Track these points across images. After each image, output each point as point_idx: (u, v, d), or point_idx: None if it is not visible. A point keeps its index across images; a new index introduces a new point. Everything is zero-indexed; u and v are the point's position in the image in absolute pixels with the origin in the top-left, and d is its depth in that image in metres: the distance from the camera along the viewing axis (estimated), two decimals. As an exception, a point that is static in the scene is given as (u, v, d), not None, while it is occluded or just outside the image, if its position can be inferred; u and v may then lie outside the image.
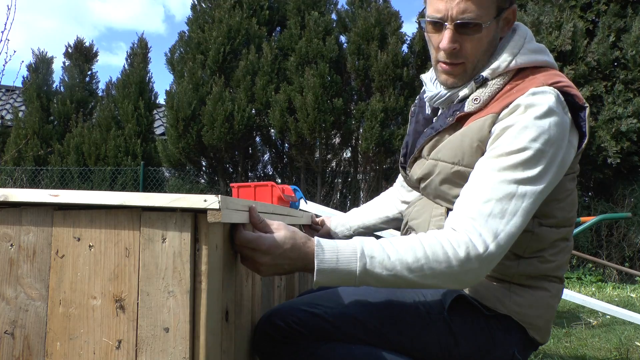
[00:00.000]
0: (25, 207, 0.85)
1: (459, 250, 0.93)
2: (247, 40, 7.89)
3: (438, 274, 0.93)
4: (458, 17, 1.07)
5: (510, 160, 1.00)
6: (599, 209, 6.75)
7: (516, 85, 1.09)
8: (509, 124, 1.03)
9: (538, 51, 1.14)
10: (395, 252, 0.94)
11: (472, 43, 1.10)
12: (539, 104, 1.02)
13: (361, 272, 0.93)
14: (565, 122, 1.04)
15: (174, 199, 0.79)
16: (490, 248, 0.94)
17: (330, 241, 0.96)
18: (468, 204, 0.99)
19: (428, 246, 0.94)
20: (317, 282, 0.95)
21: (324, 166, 7.90)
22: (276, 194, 1.81)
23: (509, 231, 0.96)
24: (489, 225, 0.95)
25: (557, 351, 2.72)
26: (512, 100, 1.05)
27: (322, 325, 1.09)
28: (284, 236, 0.95)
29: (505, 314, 1.10)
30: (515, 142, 1.00)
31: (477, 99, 1.11)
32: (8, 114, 11.08)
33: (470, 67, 1.13)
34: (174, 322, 0.80)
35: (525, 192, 0.98)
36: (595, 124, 6.38)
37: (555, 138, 1.01)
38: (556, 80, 1.07)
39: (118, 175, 8.67)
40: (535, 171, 0.99)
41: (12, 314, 0.85)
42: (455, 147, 1.10)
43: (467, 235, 0.94)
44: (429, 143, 1.18)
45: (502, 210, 0.96)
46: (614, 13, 6.63)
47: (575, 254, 4.29)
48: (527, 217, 0.99)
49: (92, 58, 10.46)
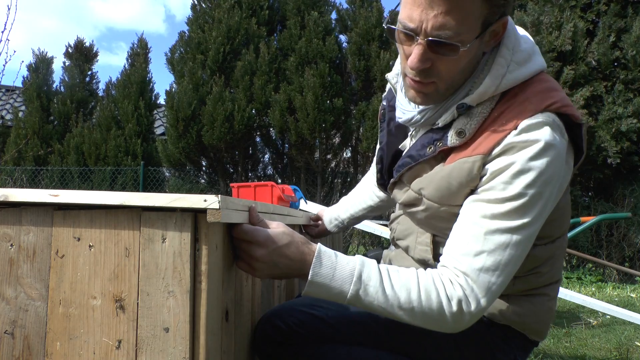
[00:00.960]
0: (25, 207, 0.85)
1: (452, 302, 0.91)
2: (246, 40, 7.89)
3: (427, 321, 0.93)
4: (433, 32, 0.90)
5: (504, 208, 0.92)
6: (599, 209, 6.75)
7: (504, 112, 0.96)
8: (501, 166, 0.92)
9: (527, 60, 1.00)
10: (390, 288, 0.92)
11: (447, 64, 0.95)
12: (534, 141, 0.91)
13: (352, 296, 0.92)
14: (563, 151, 0.95)
15: (174, 199, 0.79)
16: (482, 303, 0.92)
17: (330, 255, 0.94)
18: (460, 255, 0.93)
19: (424, 292, 0.92)
20: (307, 293, 0.94)
21: (324, 166, 7.90)
22: (276, 194, 1.81)
23: (502, 281, 0.93)
24: (481, 280, 0.91)
25: (557, 351, 2.72)
26: (502, 138, 0.93)
27: (322, 327, 1.08)
28: (282, 232, 0.94)
29: (504, 324, 1.09)
30: (510, 188, 0.91)
31: (462, 132, 0.98)
32: (8, 114, 11.08)
33: (442, 87, 0.99)
34: (174, 322, 0.80)
35: (519, 240, 0.92)
36: (595, 124, 6.38)
37: (552, 176, 0.93)
38: (550, 101, 0.95)
39: (118, 175, 8.67)
40: (531, 216, 0.92)
41: (12, 314, 0.85)
42: (442, 188, 1.00)
43: (462, 291, 0.91)
44: (408, 171, 1.07)
45: (495, 262, 0.91)
46: (614, 13, 6.63)
47: (575, 254, 4.30)
48: (521, 260, 0.95)
49: (92, 58, 10.47)
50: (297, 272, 0.94)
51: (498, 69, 0.97)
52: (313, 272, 0.91)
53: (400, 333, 1.08)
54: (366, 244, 7.98)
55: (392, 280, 0.93)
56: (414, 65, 0.94)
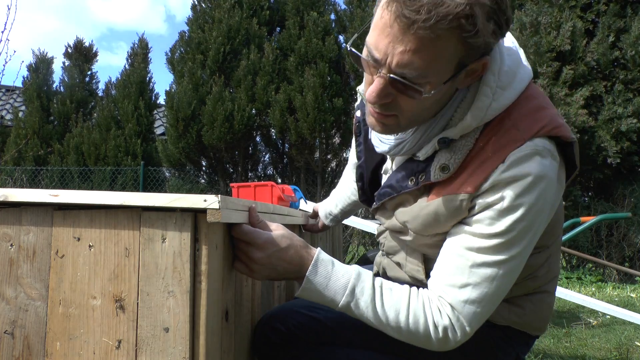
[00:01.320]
0: (25, 207, 0.85)
1: (438, 329, 0.92)
2: (247, 40, 7.89)
3: (413, 341, 0.95)
4: (397, 70, 0.82)
5: (490, 243, 0.89)
6: (599, 209, 6.75)
7: (490, 141, 0.90)
8: (489, 201, 0.88)
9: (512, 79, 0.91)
10: (381, 306, 0.94)
11: (409, 103, 0.87)
12: (524, 175, 0.86)
13: (343, 306, 0.94)
14: (554, 176, 0.90)
15: (174, 198, 0.79)
16: (467, 330, 0.93)
17: (327, 264, 0.95)
18: (445, 286, 0.92)
19: (412, 316, 0.93)
20: (300, 296, 0.96)
21: (324, 166, 7.90)
22: (276, 194, 1.81)
23: (489, 309, 0.93)
24: (466, 311, 0.91)
25: (557, 351, 2.72)
26: (489, 173, 0.88)
27: (322, 330, 1.08)
28: (281, 235, 0.95)
29: (506, 325, 1.09)
30: (497, 224, 0.88)
31: (446, 167, 0.91)
32: (8, 114, 11.08)
33: (404, 122, 0.92)
34: (174, 322, 0.80)
35: (507, 271, 0.90)
36: (595, 123, 6.38)
37: (542, 206, 0.89)
38: (539, 126, 0.89)
39: (118, 175, 8.67)
40: (520, 248, 0.90)
41: (12, 314, 0.85)
42: (429, 222, 0.96)
43: (449, 320, 0.92)
44: (390, 201, 1.03)
45: (480, 294, 0.90)
46: (613, 13, 6.63)
47: (575, 254, 4.30)
48: (510, 286, 0.94)
49: (92, 58, 10.47)
50: (294, 275, 0.96)
51: (483, 99, 0.89)
52: (307, 279, 0.94)
53: None
54: (366, 244, 7.97)
55: (384, 299, 0.94)
56: (372, 100, 0.87)
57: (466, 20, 0.76)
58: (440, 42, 0.78)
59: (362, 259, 1.98)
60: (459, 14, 0.76)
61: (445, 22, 0.75)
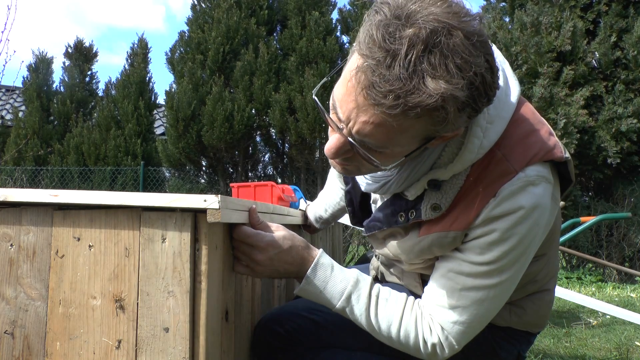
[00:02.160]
0: (25, 207, 0.85)
1: (427, 345, 0.94)
2: (246, 40, 7.89)
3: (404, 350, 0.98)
4: (356, 138, 0.78)
5: (482, 269, 0.88)
6: (599, 209, 6.75)
7: (480, 175, 0.87)
8: (480, 233, 0.87)
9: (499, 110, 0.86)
10: (374, 316, 0.96)
11: (369, 166, 0.83)
12: (516, 209, 0.84)
13: (339, 309, 0.97)
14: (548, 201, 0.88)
15: (174, 199, 0.79)
16: (456, 346, 0.94)
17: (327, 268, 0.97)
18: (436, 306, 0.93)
19: (403, 330, 0.95)
20: (298, 294, 0.99)
21: (324, 166, 7.90)
22: (276, 194, 1.81)
23: (477, 328, 0.94)
24: (455, 331, 0.92)
25: (557, 351, 2.72)
26: (481, 209, 0.86)
27: (321, 333, 1.08)
28: (282, 236, 0.95)
29: (507, 326, 1.09)
30: (489, 254, 0.87)
31: (438, 207, 0.89)
32: (8, 114, 11.08)
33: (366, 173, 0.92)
34: (174, 322, 0.79)
35: (497, 294, 0.91)
36: (595, 124, 6.38)
37: (536, 234, 0.88)
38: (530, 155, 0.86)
39: (118, 175, 8.67)
40: (510, 273, 0.89)
41: (12, 314, 0.85)
42: (423, 254, 0.95)
43: (438, 338, 0.94)
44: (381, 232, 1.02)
45: (470, 316, 0.91)
46: (615, 13, 6.63)
47: (575, 254, 4.29)
48: (500, 306, 0.95)
49: (92, 58, 10.47)
50: (295, 274, 0.98)
51: (474, 141, 0.84)
52: (306, 280, 0.96)
53: None
54: (366, 244, 7.98)
55: (378, 309, 0.96)
56: (329, 155, 0.84)
57: (436, 111, 0.71)
58: (406, 121, 0.74)
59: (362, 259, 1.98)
60: (428, 106, 0.70)
61: (412, 112, 0.70)
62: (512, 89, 0.90)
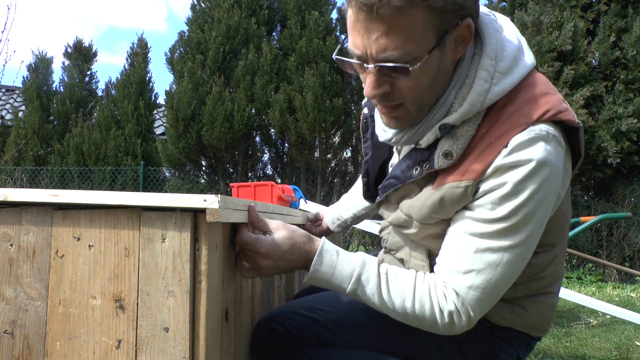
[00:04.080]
0: (25, 207, 0.85)
1: (444, 314, 0.93)
2: (246, 39, 7.89)
3: (419, 326, 0.97)
4: (379, 56, 0.83)
5: (494, 228, 0.88)
6: (599, 209, 6.75)
7: (492, 127, 0.89)
8: (492, 186, 0.88)
9: (513, 66, 0.91)
10: (387, 293, 0.95)
11: (407, 84, 0.87)
12: (526, 161, 0.85)
13: (350, 292, 0.97)
14: (560, 161, 0.89)
15: (174, 198, 0.79)
16: (472, 316, 0.93)
17: (332, 253, 0.97)
18: (450, 272, 0.93)
19: (418, 302, 0.94)
20: (307, 282, 0.99)
21: (324, 166, 7.90)
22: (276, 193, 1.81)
23: (494, 297, 0.94)
24: (470, 297, 0.91)
25: (557, 351, 2.72)
26: (492, 159, 0.87)
27: (321, 331, 1.08)
28: (282, 237, 0.95)
29: (508, 326, 1.08)
30: (499, 209, 0.87)
31: (449, 154, 0.91)
32: (8, 114, 11.09)
33: (412, 108, 0.92)
34: (174, 322, 0.79)
35: (512, 258, 0.90)
36: (595, 123, 6.38)
37: (546, 194, 0.88)
38: (542, 111, 0.88)
39: (118, 175, 8.67)
40: (524, 235, 0.89)
41: (12, 314, 0.85)
42: (434, 210, 0.95)
43: (454, 305, 0.93)
44: (395, 192, 1.03)
45: (484, 281, 0.90)
46: (614, 13, 6.63)
47: (575, 254, 4.29)
48: (516, 275, 0.94)
49: (92, 58, 10.47)
50: (302, 267, 0.99)
51: (481, 84, 0.89)
52: (313, 269, 0.96)
53: (402, 336, 1.07)
54: (366, 243, 7.98)
55: (390, 286, 0.95)
56: (370, 94, 0.88)
57: None
58: (406, 17, 0.79)
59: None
60: None
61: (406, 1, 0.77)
62: (527, 54, 0.94)
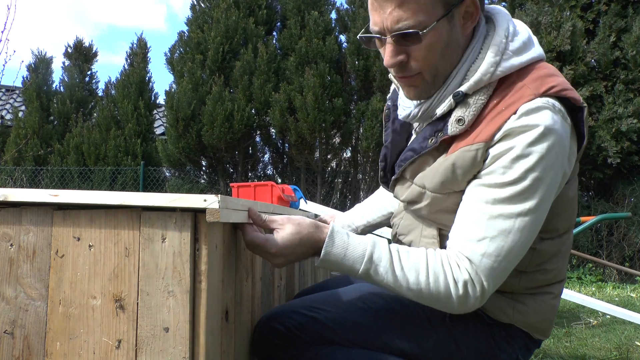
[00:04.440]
0: (25, 207, 0.85)
1: (458, 285, 0.94)
2: (245, 39, 7.89)
3: (434, 301, 0.96)
4: (393, 28, 0.95)
5: (505, 193, 0.93)
6: (599, 209, 6.75)
7: (503, 98, 0.96)
8: (501, 150, 0.93)
9: (523, 49, 1.00)
10: (400, 269, 0.95)
11: (420, 52, 0.97)
12: (534, 126, 0.91)
13: (363, 273, 0.96)
14: (566, 135, 0.95)
15: (174, 198, 0.79)
16: (485, 287, 0.94)
17: (343, 235, 0.98)
18: (464, 240, 0.95)
19: (432, 274, 0.94)
20: (320, 266, 0.99)
21: (324, 166, 7.90)
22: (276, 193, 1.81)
23: (505, 267, 0.95)
24: (483, 265, 0.93)
25: (557, 351, 2.72)
26: (502, 123, 0.94)
27: (321, 330, 1.08)
28: (290, 233, 0.96)
29: (508, 323, 1.09)
30: (510, 172, 0.92)
31: (462, 120, 0.98)
32: (8, 114, 11.08)
33: (429, 76, 1.01)
34: (174, 322, 0.80)
35: (523, 226, 0.93)
36: (595, 123, 6.38)
37: (553, 161, 0.93)
38: (549, 85, 0.95)
39: (118, 175, 8.67)
40: (534, 202, 0.93)
41: (12, 314, 0.85)
42: (447, 178, 1.00)
43: (467, 274, 0.94)
44: (411, 166, 1.08)
45: (497, 248, 0.93)
46: (614, 13, 6.63)
47: (575, 254, 4.30)
48: (526, 247, 0.96)
49: (92, 58, 10.47)
50: (313, 254, 1.00)
51: (492, 56, 0.98)
52: (325, 251, 0.96)
53: (401, 336, 1.07)
54: (366, 243, 7.96)
55: (402, 262, 0.96)
56: (388, 63, 0.99)
57: None
58: None
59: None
60: None
61: None
62: (537, 46, 1.04)
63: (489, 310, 1.07)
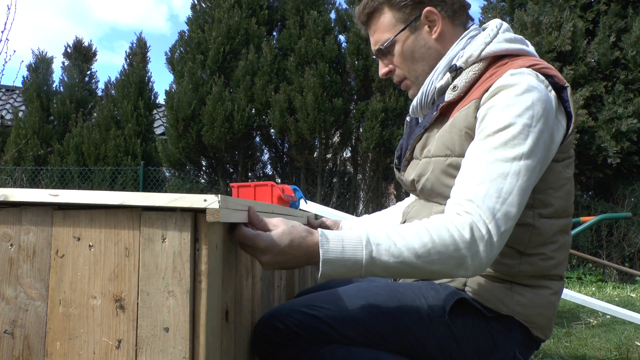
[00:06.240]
0: (25, 207, 0.85)
1: (464, 232, 0.92)
2: (246, 40, 7.89)
3: (445, 259, 0.92)
4: (375, 48, 1.27)
5: (499, 139, 1.01)
6: (599, 209, 6.75)
7: (495, 72, 1.11)
8: (491, 104, 1.05)
9: (515, 40, 1.17)
10: (401, 238, 0.93)
11: (397, 60, 1.25)
12: (518, 82, 1.03)
13: (367, 260, 0.92)
14: (550, 99, 1.05)
15: (174, 198, 0.79)
16: (491, 230, 0.93)
17: (334, 232, 0.96)
18: (463, 188, 0.99)
19: (434, 230, 0.93)
20: (323, 274, 0.93)
21: (324, 166, 7.90)
22: (276, 193, 1.81)
23: (507, 210, 0.95)
24: (485, 205, 0.94)
25: (557, 351, 2.72)
26: (491, 84, 1.07)
27: (322, 328, 1.08)
28: (281, 233, 0.95)
29: (508, 314, 1.10)
30: (500, 120, 1.02)
31: (456, 87, 1.14)
32: (8, 113, 11.09)
33: (412, 77, 1.26)
34: (174, 322, 0.80)
35: (518, 170, 0.98)
36: (595, 124, 6.38)
37: (539, 113, 1.02)
38: (534, 63, 1.09)
39: (118, 175, 8.67)
40: (525, 147, 0.99)
41: (12, 314, 0.85)
42: (445, 140, 1.12)
43: (470, 217, 0.94)
44: (419, 142, 1.21)
45: (497, 189, 0.96)
46: (614, 13, 6.64)
47: (575, 254, 4.30)
48: (524, 196, 0.98)
49: (92, 58, 10.46)
50: (306, 262, 0.96)
51: (483, 37, 1.17)
52: (323, 249, 0.92)
53: (401, 333, 1.08)
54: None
55: (401, 232, 0.94)
56: (380, 74, 1.32)
57: None
58: (379, 17, 1.25)
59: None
60: None
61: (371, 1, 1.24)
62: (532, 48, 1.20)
63: (488, 300, 1.09)
